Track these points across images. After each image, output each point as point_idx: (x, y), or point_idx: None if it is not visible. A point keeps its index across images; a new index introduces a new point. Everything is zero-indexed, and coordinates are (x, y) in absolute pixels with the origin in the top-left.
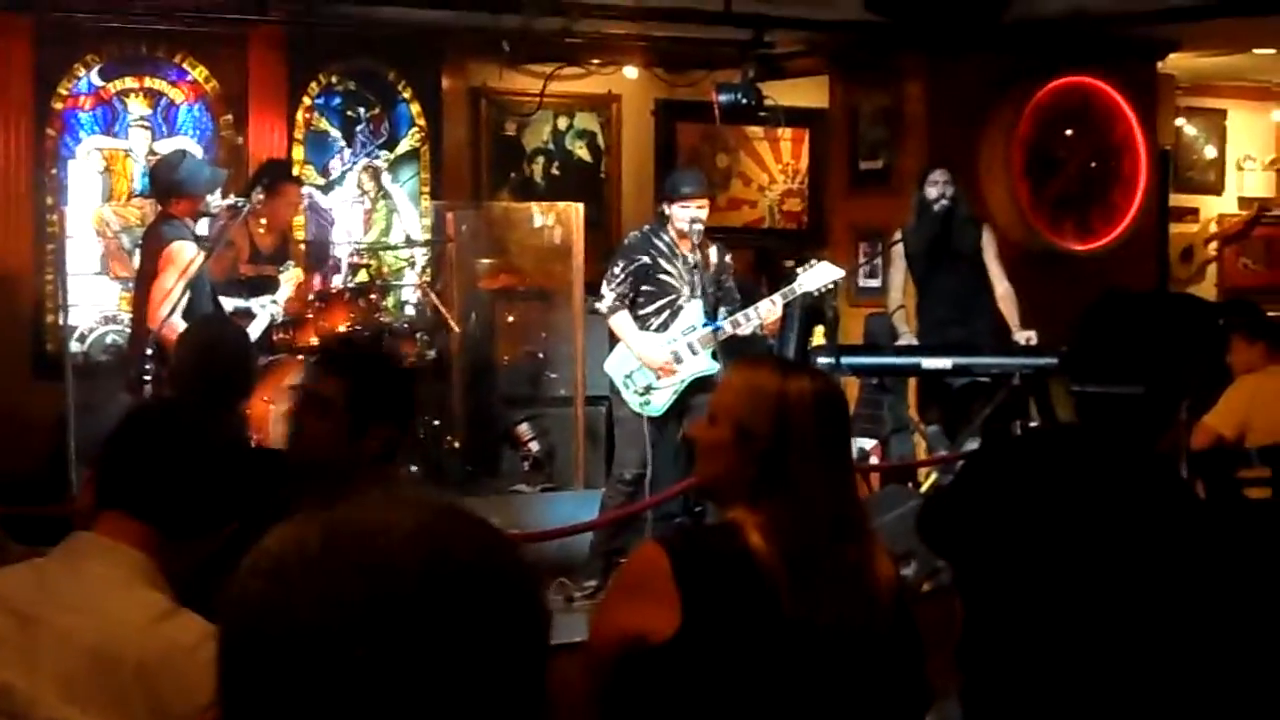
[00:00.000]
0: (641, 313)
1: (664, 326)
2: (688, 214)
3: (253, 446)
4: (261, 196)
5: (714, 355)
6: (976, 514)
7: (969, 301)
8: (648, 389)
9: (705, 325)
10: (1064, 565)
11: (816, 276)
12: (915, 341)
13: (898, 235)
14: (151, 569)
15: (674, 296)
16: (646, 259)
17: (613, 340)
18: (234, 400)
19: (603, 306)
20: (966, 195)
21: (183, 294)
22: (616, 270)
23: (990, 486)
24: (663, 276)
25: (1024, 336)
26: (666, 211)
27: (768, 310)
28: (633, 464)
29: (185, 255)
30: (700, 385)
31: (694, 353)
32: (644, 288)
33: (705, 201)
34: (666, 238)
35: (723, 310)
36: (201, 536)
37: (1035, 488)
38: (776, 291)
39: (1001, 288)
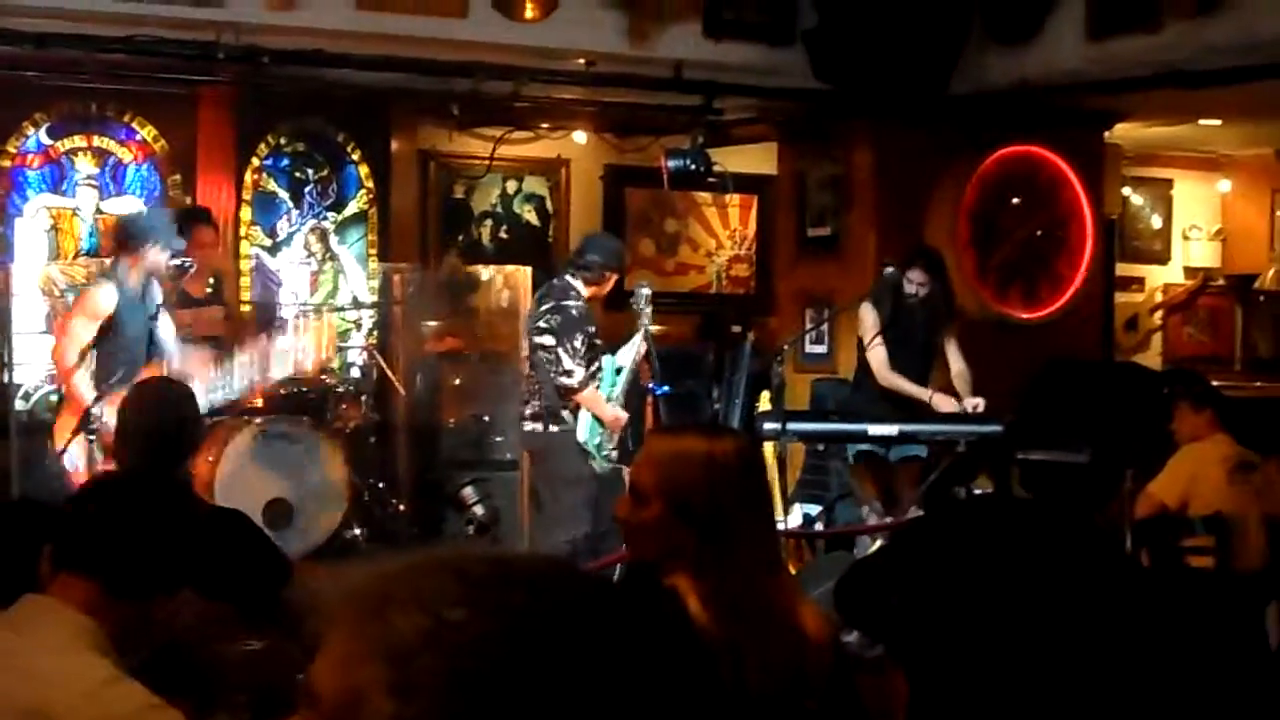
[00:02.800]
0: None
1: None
2: (609, 283)
3: (211, 507)
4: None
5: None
6: (914, 589)
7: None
8: (611, 450)
9: (614, 384)
10: (1006, 639)
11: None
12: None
13: (870, 313)
14: (98, 634)
15: (599, 355)
16: (592, 328)
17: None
18: (176, 461)
19: (573, 382)
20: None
21: (93, 340)
22: (577, 344)
23: (927, 561)
24: (598, 342)
25: (971, 404)
26: (594, 272)
27: (640, 349)
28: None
29: (97, 298)
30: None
31: (618, 403)
32: (589, 355)
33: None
34: (584, 300)
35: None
36: (151, 597)
37: (974, 562)
38: (726, 355)
39: (958, 367)
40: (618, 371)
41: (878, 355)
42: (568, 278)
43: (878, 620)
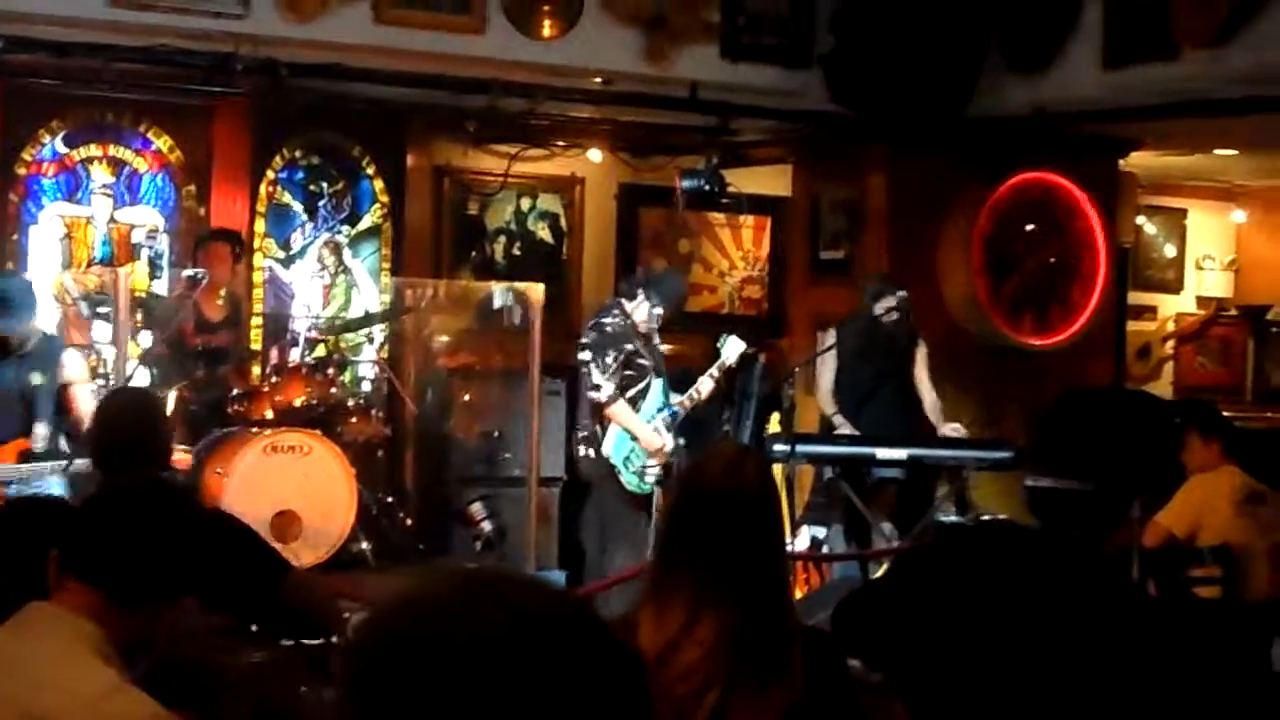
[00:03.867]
0: (629, 395)
1: (635, 407)
2: (656, 317)
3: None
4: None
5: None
6: (915, 618)
7: (905, 415)
8: (643, 469)
9: (662, 409)
10: (1010, 669)
11: (734, 348)
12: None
13: (831, 338)
14: (103, 642)
15: (649, 378)
16: (630, 346)
17: (571, 419)
18: (134, 467)
19: (601, 396)
20: (913, 304)
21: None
22: (608, 360)
23: (928, 588)
24: (641, 360)
25: (950, 428)
26: (640, 301)
27: (709, 388)
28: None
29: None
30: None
31: (668, 431)
32: (627, 372)
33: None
34: (632, 321)
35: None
36: (157, 605)
37: (975, 590)
38: (736, 375)
39: (929, 399)
40: (667, 405)
41: (824, 378)
42: (618, 298)
43: (876, 648)
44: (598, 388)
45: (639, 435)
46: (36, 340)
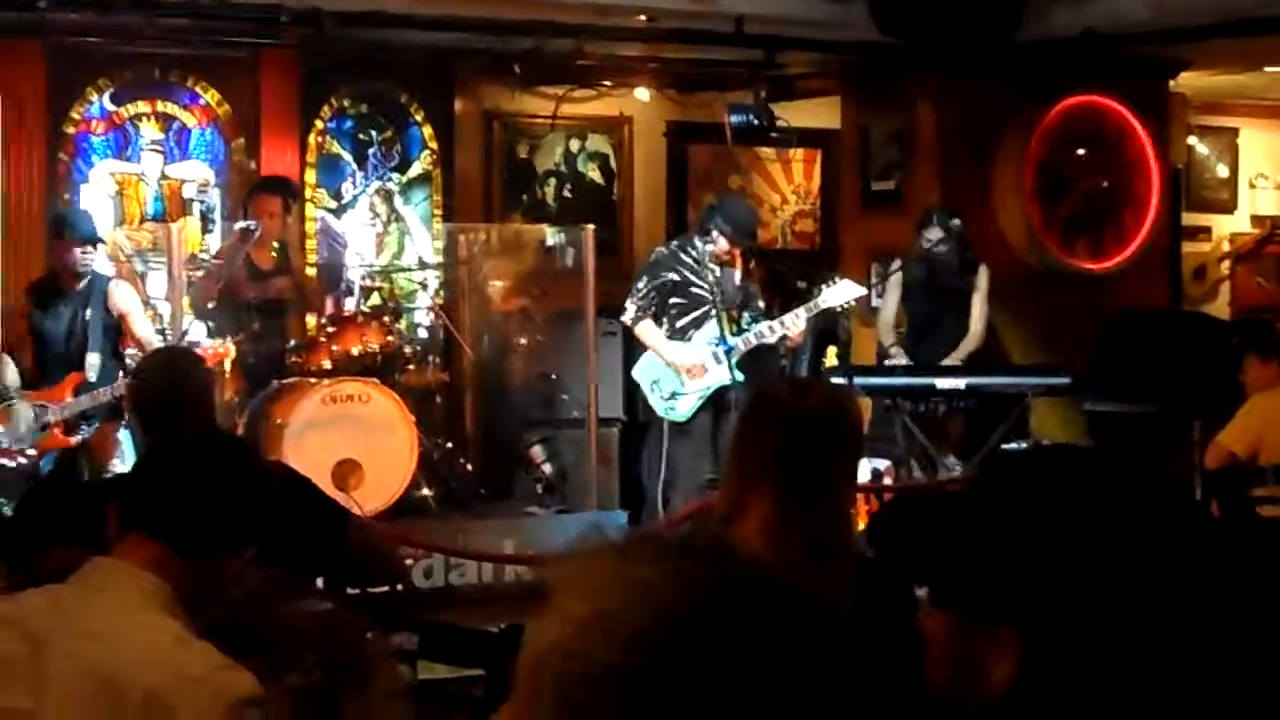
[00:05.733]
0: (679, 324)
1: (684, 336)
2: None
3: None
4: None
5: (738, 366)
6: (976, 547)
7: (959, 341)
8: (673, 395)
9: (738, 334)
10: (1074, 594)
11: (839, 293)
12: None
13: (897, 264)
14: (168, 595)
15: (706, 308)
16: (674, 275)
17: (628, 359)
18: (174, 423)
19: (626, 319)
20: (969, 232)
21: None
22: (640, 285)
23: (987, 515)
24: (694, 289)
25: (951, 358)
26: (711, 233)
27: (793, 323)
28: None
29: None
30: (723, 394)
31: (718, 362)
32: (675, 300)
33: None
34: (694, 252)
35: (748, 318)
36: (219, 556)
37: (1044, 513)
38: (791, 309)
39: (974, 327)
40: (737, 332)
41: (886, 309)
42: (690, 234)
43: (934, 575)
44: (624, 310)
45: (667, 356)
46: (86, 278)
